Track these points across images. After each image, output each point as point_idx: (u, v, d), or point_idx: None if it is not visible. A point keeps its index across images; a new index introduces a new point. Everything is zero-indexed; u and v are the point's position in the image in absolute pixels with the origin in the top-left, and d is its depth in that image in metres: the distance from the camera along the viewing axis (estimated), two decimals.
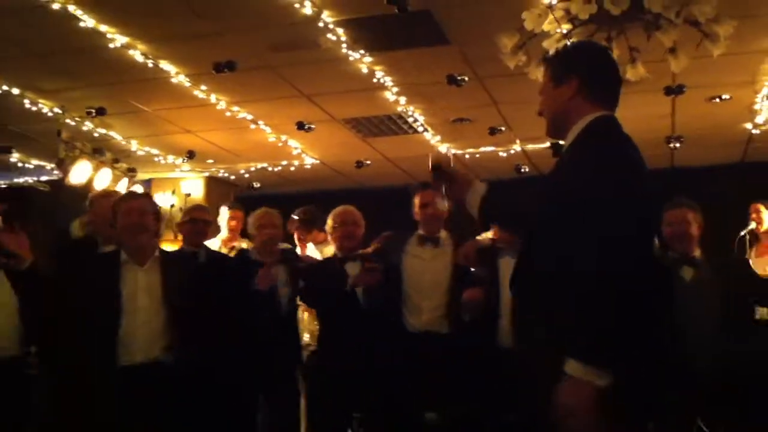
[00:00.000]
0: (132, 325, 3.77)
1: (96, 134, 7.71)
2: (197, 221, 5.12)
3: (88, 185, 7.32)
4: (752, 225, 5.96)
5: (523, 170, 9.34)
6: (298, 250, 6.22)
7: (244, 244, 6.28)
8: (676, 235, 4.27)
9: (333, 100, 6.92)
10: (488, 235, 4.75)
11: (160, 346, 3.83)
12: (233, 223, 6.30)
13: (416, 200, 4.76)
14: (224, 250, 6.14)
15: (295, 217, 6.28)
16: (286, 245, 5.60)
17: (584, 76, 2.42)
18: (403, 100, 6.83)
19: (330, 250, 5.48)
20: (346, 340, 4.44)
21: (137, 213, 3.92)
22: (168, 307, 3.85)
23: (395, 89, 6.57)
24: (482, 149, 8.53)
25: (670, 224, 4.30)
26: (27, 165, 9.00)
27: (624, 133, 2.46)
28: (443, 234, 4.75)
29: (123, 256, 3.91)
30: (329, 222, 4.83)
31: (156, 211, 4.12)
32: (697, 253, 4.29)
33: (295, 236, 6.35)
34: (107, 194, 4.86)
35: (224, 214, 6.40)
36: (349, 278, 4.46)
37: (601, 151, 2.31)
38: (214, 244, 6.22)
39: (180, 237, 6.17)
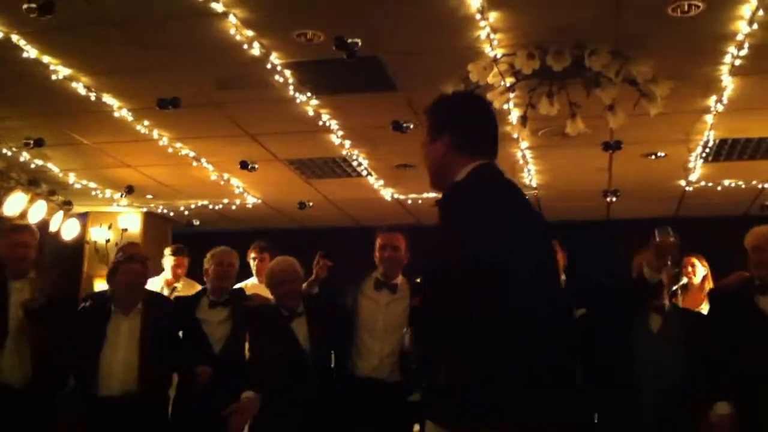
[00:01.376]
0: None
1: (33, 165, 7.54)
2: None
3: (21, 217, 7.14)
4: (684, 280, 6.09)
5: None
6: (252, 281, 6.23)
7: (179, 285, 6.26)
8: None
9: (278, 140, 6.92)
10: None
11: None
12: (179, 270, 6.55)
13: (377, 241, 4.72)
14: (166, 291, 6.15)
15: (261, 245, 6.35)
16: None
17: (456, 130, 2.43)
18: (347, 143, 6.86)
19: None
20: (290, 386, 4.36)
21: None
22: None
23: (340, 132, 6.60)
24: (425, 195, 8.60)
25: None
26: None
27: (501, 178, 2.41)
28: (400, 279, 4.69)
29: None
30: (270, 275, 4.74)
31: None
32: (666, 301, 4.29)
33: (255, 260, 6.35)
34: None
35: (168, 260, 6.43)
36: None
37: (467, 208, 2.26)
38: (155, 283, 6.17)
39: None
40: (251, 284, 6.19)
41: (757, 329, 4.08)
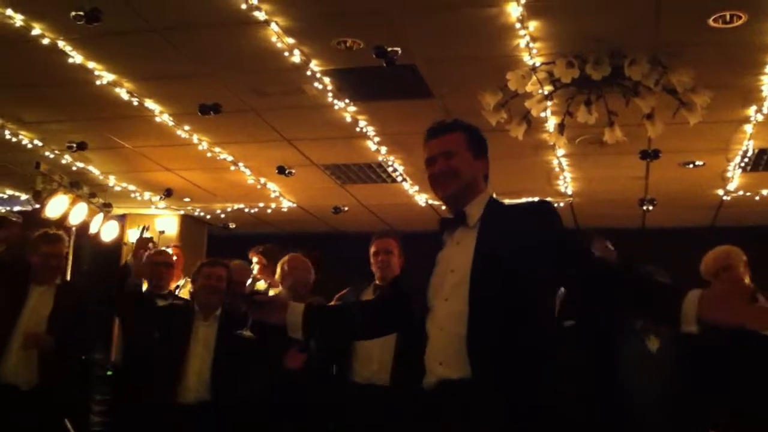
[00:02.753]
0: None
1: (74, 168, 7.69)
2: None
3: (63, 218, 7.27)
4: None
5: None
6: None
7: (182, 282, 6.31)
8: None
9: (314, 145, 6.98)
10: None
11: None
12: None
13: (371, 248, 4.77)
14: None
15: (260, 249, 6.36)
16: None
17: (488, 161, 2.72)
18: (384, 149, 6.91)
19: None
20: (291, 391, 4.41)
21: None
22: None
23: (377, 139, 6.65)
24: None
25: None
26: (1, 195, 8.93)
27: None
28: None
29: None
30: (281, 268, 4.85)
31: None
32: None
33: (258, 266, 6.37)
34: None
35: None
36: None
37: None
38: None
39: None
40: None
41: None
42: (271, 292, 5.33)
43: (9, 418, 4.49)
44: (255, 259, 6.43)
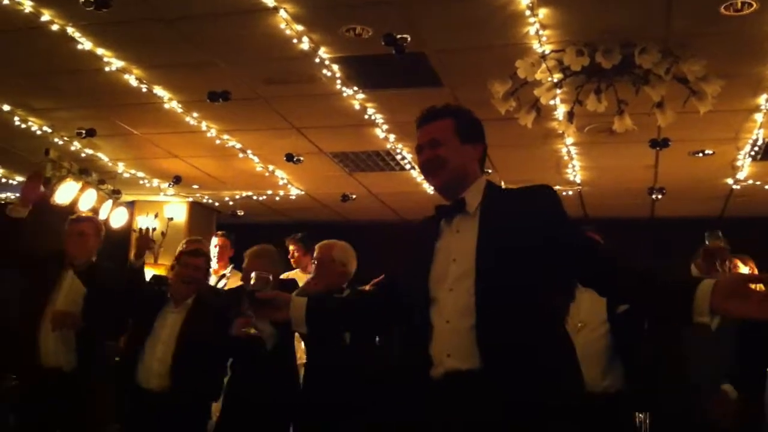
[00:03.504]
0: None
1: (83, 154, 7.71)
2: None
3: (72, 205, 7.30)
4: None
5: None
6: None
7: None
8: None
9: (323, 133, 6.98)
10: None
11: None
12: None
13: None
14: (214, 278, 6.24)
15: (298, 236, 6.39)
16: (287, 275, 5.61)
17: (484, 147, 2.64)
18: (392, 137, 6.90)
19: None
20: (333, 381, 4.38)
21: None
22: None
23: (385, 127, 6.64)
24: None
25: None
26: (11, 181, 8.96)
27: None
28: None
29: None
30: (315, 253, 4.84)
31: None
32: None
33: (295, 255, 6.40)
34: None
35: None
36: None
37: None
38: None
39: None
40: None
41: None
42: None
43: (54, 400, 4.55)
44: (292, 247, 6.47)
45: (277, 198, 9.48)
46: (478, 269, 2.35)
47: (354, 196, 9.22)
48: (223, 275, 6.26)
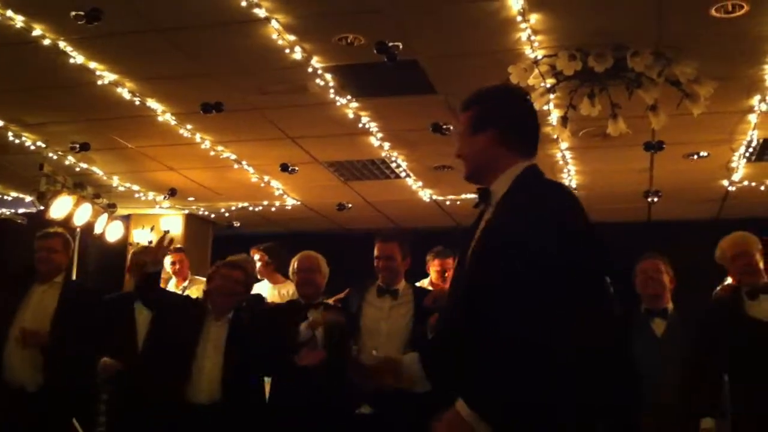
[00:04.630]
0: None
1: (77, 169, 7.69)
2: None
3: (67, 219, 7.28)
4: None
5: None
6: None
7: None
8: (651, 284, 4.34)
9: (318, 143, 6.97)
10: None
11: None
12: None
13: (375, 251, 4.70)
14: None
15: (261, 247, 6.37)
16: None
17: (502, 126, 2.39)
18: (386, 145, 6.89)
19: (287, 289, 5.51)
20: (305, 394, 4.36)
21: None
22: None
23: (379, 135, 6.64)
24: (463, 196, 8.60)
25: (643, 272, 4.37)
26: (5, 197, 8.94)
27: (552, 181, 2.42)
28: (402, 285, 4.66)
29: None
30: (292, 265, 4.82)
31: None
32: (669, 305, 4.34)
33: (257, 266, 6.36)
34: None
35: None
36: (296, 355, 4.31)
37: (541, 213, 2.19)
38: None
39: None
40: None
41: (749, 335, 4.02)
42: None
43: (15, 419, 4.49)
44: (257, 257, 6.45)
45: (273, 208, 9.47)
46: (470, 263, 2.30)
47: (350, 205, 9.21)
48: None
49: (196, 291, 6.21)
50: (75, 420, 4.91)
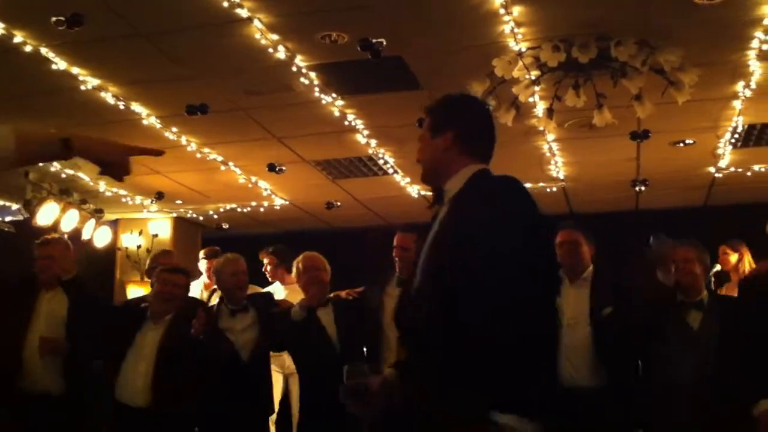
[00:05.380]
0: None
1: (63, 175, 7.65)
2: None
3: (55, 226, 7.24)
4: (717, 267, 6.07)
5: None
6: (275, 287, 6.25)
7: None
8: (683, 275, 4.15)
9: (304, 142, 6.95)
10: None
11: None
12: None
13: (394, 241, 4.79)
14: (205, 295, 6.22)
15: (270, 250, 6.35)
16: (257, 288, 5.61)
17: (460, 129, 2.49)
18: (373, 142, 6.89)
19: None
20: (325, 390, 4.39)
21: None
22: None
23: (366, 132, 6.63)
24: None
25: (675, 263, 4.20)
26: None
27: (505, 177, 2.43)
28: None
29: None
30: (296, 267, 4.83)
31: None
32: (704, 295, 4.19)
33: (268, 269, 6.37)
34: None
35: (203, 263, 6.48)
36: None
37: (490, 210, 2.27)
38: (194, 288, 6.25)
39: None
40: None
41: None
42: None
43: (42, 425, 4.53)
44: (266, 260, 6.44)
45: (262, 209, 9.44)
46: (428, 258, 2.38)
47: (338, 203, 9.20)
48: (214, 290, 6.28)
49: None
50: None
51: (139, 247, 9.58)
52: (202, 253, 6.74)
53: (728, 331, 3.93)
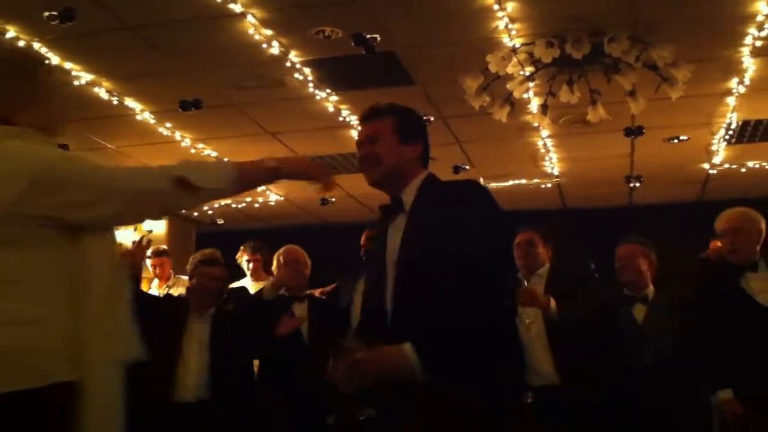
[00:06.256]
0: None
1: None
2: None
3: None
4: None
5: None
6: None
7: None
8: (625, 271, 4.31)
9: (298, 137, 6.95)
10: None
11: None
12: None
13: (362, 239, 4.80)
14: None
15: (251, 246, 6.26)
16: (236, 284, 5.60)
17: (425, 141, 2.63)
18: None
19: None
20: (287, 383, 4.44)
21: None
22: None
23: (360, 128, 6.60)
24: None
25: (619, 259, 4.35)
26: None
27: (468, 184, 2.72)
28: None
29: None
30: (277, 259, 4.85)
31: None
32: (649, 290, 4.32)
33: (250, 265, 6.26)
34: None
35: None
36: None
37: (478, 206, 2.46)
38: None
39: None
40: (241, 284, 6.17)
41: (745, 310, 3.90)
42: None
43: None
44: (246, 257, 6.36)
45: (257, 204, 9.43)
46: (398, 264, 2.43)
47: (333, 199, 9.18)
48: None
49: (182, 290, 6.15)
50: None
51: (133, 242, 9.54)
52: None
53: (681, 324, 4.04)
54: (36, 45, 4.91)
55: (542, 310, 4.14)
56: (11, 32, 4.73)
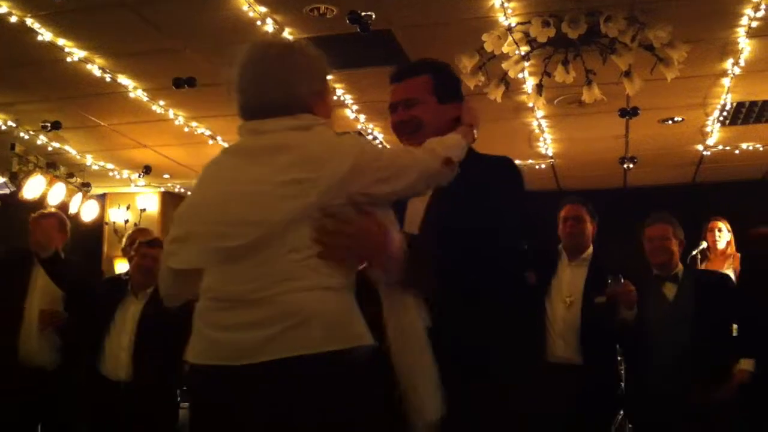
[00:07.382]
0: None
1: (50, 148, 7.59)
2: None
3: (41, 200, 7.19)
4: (704, 245, 6.08)
5: None
6: None
7: None
8: (656, 250, 4.19)
9: None
10: None
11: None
12: None
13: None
14: None
15: None
16: None
17: (462, 101, 2.46)
18: (362, 117, 6.86)
19: None
20: None
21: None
22: None
23: (355, 107, 6.60)
24: None
25: (650, 240, 4.23)
26: None
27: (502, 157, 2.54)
28: None
29: None
30: None
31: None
32: (679, 269, 4.22)
33: None
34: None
35: None
36: None
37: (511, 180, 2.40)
38: None
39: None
40: None
41: None
42: None
43: (35, 398, 4.52)
44: None
45: None
46: (424, 230, 2.25)
47: None
48: None
49: None
50: None
51: (126, 221, 9.54)
52: None
53: (708, 301, 3.99)
54: (29, 21, 4.87)
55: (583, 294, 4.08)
56: (3, 8, 4.69)
